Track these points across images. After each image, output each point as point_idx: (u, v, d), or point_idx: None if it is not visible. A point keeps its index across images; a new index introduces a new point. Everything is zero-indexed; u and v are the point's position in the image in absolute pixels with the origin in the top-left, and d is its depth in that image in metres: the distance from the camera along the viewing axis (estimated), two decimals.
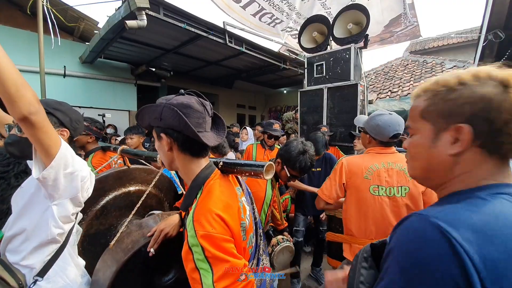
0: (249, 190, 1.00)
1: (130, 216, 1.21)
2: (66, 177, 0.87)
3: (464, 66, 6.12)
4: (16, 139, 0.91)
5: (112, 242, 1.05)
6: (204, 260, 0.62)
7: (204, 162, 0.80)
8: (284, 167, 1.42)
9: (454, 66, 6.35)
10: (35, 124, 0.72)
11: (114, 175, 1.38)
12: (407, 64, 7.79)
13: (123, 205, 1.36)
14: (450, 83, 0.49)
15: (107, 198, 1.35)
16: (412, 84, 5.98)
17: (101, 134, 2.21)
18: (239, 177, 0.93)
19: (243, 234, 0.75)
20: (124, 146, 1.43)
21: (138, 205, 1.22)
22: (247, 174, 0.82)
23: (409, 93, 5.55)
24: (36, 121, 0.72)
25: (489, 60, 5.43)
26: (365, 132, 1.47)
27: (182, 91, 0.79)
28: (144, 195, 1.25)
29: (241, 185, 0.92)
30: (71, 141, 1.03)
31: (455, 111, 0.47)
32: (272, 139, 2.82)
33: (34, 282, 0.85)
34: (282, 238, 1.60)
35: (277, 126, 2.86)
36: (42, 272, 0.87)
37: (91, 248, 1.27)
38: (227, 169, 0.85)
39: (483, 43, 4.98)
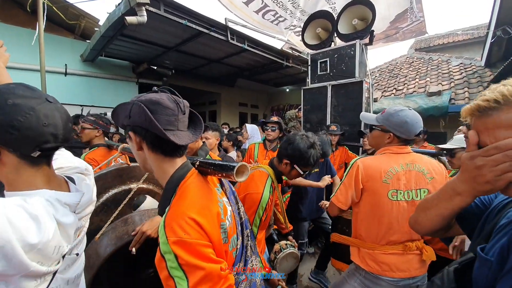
0: (233, 189, 0.94)
1: (119, 208, 1.20)
2: None
3: (471, 63, 6.00)
4: None
5: (97, 236, 1.05)
6: (177, 268, 0.58)
7: (179, 161, 0.75)
8: (295, 166, 1.31)
9: (461, 63, 6.23)
10: None
11: (113, 173, 1.40)
12: (412, 62, 7.68)
13: (123, 202, 1.35)
14: None
15: (107, 195, 1.37)
16: (417, 81, 5.88)
17: (108, 128, 2.22)
18: None
19: (223, 236, 0.70)
20: (124, 145, 1.40)
21: (123, 204, 1.22)
22: (219, 175, 0.75)
23: (415, 91, 5.45)
24: None
25: (498, 57, 5.30)
26: (384, 130, 1.34)
27: (155, 88, 0.74)
28: (132, 192, 1.24)
29: (222, 185, 0.87)
30: (30, 159, 0.64)
31: None
32: (269, 130, 2.75)
33: None
34: (286, 244, 1.52)
35: (275, 118, 2.83)
36: None
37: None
38: (203, 169, 0.78)
39: (492, 40, 4.86)
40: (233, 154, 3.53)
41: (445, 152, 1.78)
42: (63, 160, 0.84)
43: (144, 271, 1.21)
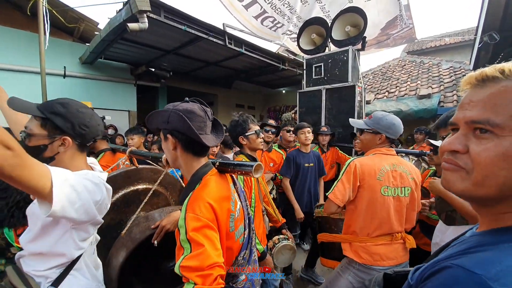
0: (243, 189, 1.09)
1: (137, 211, 1.30)
2: (78, 211, 0.79)
3: (460, 67, 6.22)
4: (24, 147, 0.86)
5: (123, 231, 1.18)
6: (185, 240, 0.71)
7: (203, 160, 0.91)
8: (240, 137, 1.60)
9: (451, 66, 6.45)
10: (2, 177, 0.61)
11: (123, 175, 1.47)
12: (405, 65, 7.90)
13: (132, 202, 1.46)
14: None
15: (117, 196, 1.44)
16: (409, 84, 6.08)
17: (106, 133, 2.29)
18: (233, 176, 1.04)
19: (231, 225, 0.85)
20: (132, 148, 1.50)
21: (144, 202, 1.32)
22: (239, 173, 0.92)
23: (406, 94, 5.64)
24: (2, 175, 0.60)
25: (485, 61, 5.52)
26: (375, 132, 1.50)
27: (187, 99, 0.89)
28: (150, 193, 1.34)
29: (235, 184, 1.02)
30: (83, 147, 0.96)
31: None
32: (269, 133, 2.84)
33: None
34: (278, 239, 1.63)
35: (272, 121, 2.94)
36: (57, 282, 0.87)
37: (103, 240, 1.37)
38: (223, 168, 0.95)
39: (479, 45, 5.07)
40: (230, 156, 3.64)
41: (430, 151, 1.92)
42: None
43: (165, 264, 1.30)
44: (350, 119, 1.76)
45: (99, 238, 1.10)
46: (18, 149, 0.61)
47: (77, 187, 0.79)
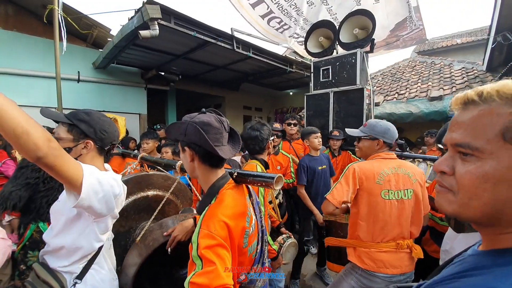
0: (258, 200, 1.09)
1: (150, 221, 1.33)
2: (100, 202, 0.89)
3: (472, 67, 6.07)
4: None
5: (138, 238, 1.21)
6: (196, 257, 0.71)
7: (220, 172, 0.91)
8: (256, 146, 1.65)
9: (463, 67, 6.29)
10: (46, 165, 0.71)
11: (134, 180, 1.47)
12: (415, 65, 7.74)
13: (142, 208, 1.46)
14: None
15: (127, 202, 1.43)
16: (419, 86, 5.96)
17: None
18: (249, 187, 1.03)
19: (245, 241, 0.85)
20: (143, 154, 1.54)
21: (156, 212, 1.34)
22: (259, 184, 0.91)
23: (417, 95, 5.53)
24: (47, 163, 0.70)
25: (499, 62, 5.37)
26: (373, 138, 1.55)
27: (204, 110, 0.90)
28: (163, 202, 1.36)
29: (251, 195, 1.01)
30: (102, 151, 1.07)
31: None
32: (274, 137, 2.88)
33: (74, 285, 0.94)
34: (282, 239, 1.68)
35: (277, 125, 2.96)
36: (81, 275, 0.96)
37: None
38: (241, 179, 0.94)
39: (492, 45, 4.94)
40: (237, 158, 3.67)
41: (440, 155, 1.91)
42: None
43: (178, 271, 1.34)
44: (346, 129, 1.84)
45: (113, 235, 1.18)
46: (56, 143, 0.73)
47: (101, 179, 0.90)
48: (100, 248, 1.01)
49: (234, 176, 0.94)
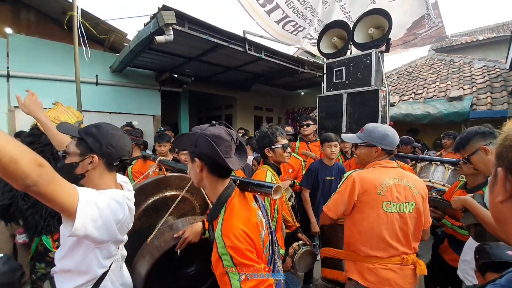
0: (264, 204, 1.12)
1: (165, 217, 1.43)
2: (99, 229, 0.83)
3: (494, 66, 5.78)
4: (61, 165, 0.99)
5: (149, 239, 1.27)
6: (232, 266, 0.77)
7: (226, 182, 0.94)
8: (267, 149, 1.65)
9: (484, 66, 6.01)
10: (37, 193, 0.67)
11: (153, 183, 1.58)
12: (433, 64, 7.46)
13: (160, 207, 1.56)
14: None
15: (147, 202, 1.56)
16: (438, 85, 5.74)
17: (140, 141, 2.44)
18: None
19: (262, 243, 0.89)
20: (161, 158, 1.60)
21: (172, 208, 1.44)
22: (258, 193, 0.95)
23: (435, 95, 5.34)
24: (37, 191, 0.66)
25: None
26: (370, 145, 1.45)
27: (214, 122, 0.93)
28: (178, 199, 1.45)
29: (256, 200, 1.05)
30: (111, 167, 1.01)
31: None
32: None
33: None
34: (298, 245, 1.64)
35: (288, 128, 2.94)
36: None
37: (134, 243, 1.44)
38: (243, 187, 0.99)
39: None
40: (249, 159, 3.70)
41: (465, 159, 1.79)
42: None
43: (184, 270, 1.41)
44: (342, 134, 1.76)
45: (125, 254, 1.14)
46: (49, 168, 0.68)
47: (100, 205, 0.84)
48: (105, 273, 0.95)
49: (238, 184, 0.98)
